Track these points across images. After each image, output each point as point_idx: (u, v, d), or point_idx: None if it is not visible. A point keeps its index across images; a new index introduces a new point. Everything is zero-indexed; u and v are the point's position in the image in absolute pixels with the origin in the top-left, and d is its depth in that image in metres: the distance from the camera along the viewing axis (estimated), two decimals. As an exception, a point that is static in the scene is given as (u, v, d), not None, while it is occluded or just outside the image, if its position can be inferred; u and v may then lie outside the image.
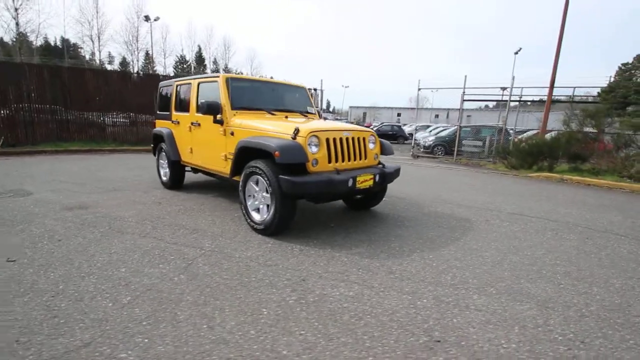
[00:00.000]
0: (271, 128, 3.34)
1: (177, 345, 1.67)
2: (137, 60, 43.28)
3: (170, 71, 47.96)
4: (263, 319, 1.91)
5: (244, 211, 3.45)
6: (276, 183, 3.00)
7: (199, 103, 3.81)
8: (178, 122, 4.80)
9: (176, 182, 5.17)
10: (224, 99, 3.83)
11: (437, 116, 50.96)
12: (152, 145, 5.67)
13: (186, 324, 1.84)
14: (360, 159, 3.57)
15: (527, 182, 7.36)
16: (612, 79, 9.83)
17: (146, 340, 1.70)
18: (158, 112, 5.55)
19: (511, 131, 12.94)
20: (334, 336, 1.78)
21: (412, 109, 56.05)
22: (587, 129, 8.51)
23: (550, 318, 2.03)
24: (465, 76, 12.27)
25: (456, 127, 14.07)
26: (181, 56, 52.01)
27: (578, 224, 4.01)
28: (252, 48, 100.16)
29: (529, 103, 17.90)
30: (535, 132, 14.34)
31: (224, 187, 5.48)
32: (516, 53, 32.23)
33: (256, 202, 3.37)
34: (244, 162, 3.48)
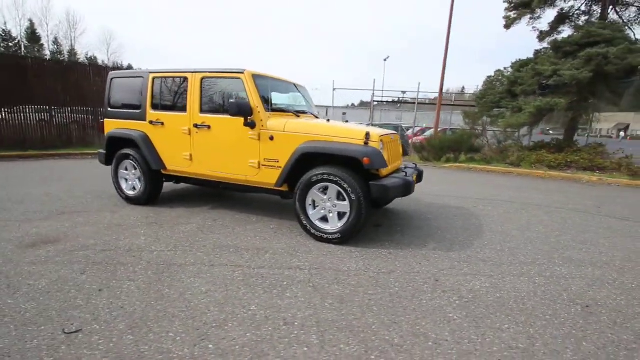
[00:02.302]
0: (334, 133, 3.20)
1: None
2: None
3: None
4: (464, 324, 1.97)
5: (305, 222, 3.20)
6: (360, 189, 2.93)
7: (229, 103, 3.27)
8: (162, 124, 3.93)
9: (154, 195, 4.26)
10: (254, 99, 3.40)
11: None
12: (102, 151, 4.45)
13: (411, 346, 1.75)
14: (397, 160, 3.79)
15: (448, 172, 8.92)
16: (481, 87, 12.59)
17: (406, 373, 1.56)
18: (111, 109, 4.38)
19: (406, 128, 15.22)
20: (530, 323, 2.00)
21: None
22: (476, 127, 10.89)
23: (632, 275, 2.72)
24: (374, 80, 13.78)
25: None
26: (4, 32, 39.66)
27: (529, 203, 5.25)
28: (109, 29, 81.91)
29: (420, 104, 21.08)
30: (419, 129, 17.19)
31: (210, 196, 4.79)
32: (385, 60, 37.37)
33: (322, 211, 3.18)
34: (298, 170, 3.24)
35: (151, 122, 3.99)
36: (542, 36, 12.12)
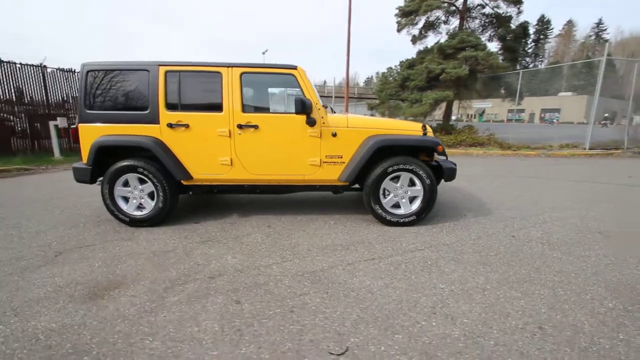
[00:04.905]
0: (396, 126, 3.51)
1: None
2: None
3: None
4: (570, 258, 2.70)
5: (379, 211, 3.43)
6: (432, 174, 3.37)
7: (295, 99, 3.12)
8: (186, 126, 3.37)
9: (170, 211, 3.60)
10: (312, 95, 3.36)
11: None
12: (83, 165, 3.44)
13: (567, 278, 2.35)
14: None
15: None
16: (377, 82, 14.44)
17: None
18: (90, 111, 3.41)
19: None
20: (597, 247, 2.89)
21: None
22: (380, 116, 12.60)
23: (601, 213, 4.01)
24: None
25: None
26: None
27: (474, 175, 6.69)
28: None
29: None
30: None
31: (223, 201, 4.30)
32: (263, 53, 37.45)
33: (395, 199, 3.47)
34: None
35: (170, 125, 3.36)
36: (414, 39, 14.74)
